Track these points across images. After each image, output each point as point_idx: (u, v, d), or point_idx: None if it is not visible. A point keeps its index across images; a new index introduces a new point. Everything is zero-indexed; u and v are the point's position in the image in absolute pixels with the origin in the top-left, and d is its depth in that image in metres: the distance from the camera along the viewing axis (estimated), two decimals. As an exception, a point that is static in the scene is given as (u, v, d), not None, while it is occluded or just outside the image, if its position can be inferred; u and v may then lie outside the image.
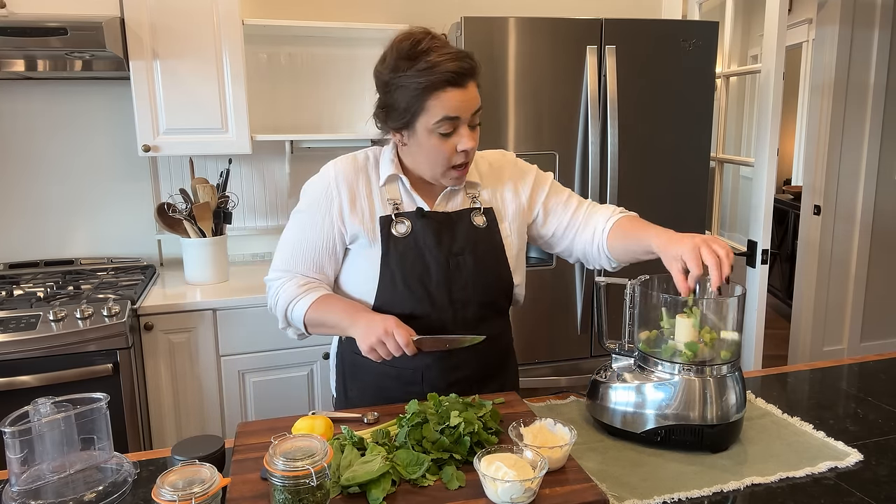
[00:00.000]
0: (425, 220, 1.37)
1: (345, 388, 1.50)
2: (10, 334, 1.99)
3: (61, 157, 2.68)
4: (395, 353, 1.25)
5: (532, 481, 0.98)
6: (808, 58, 5.20)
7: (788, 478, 1.13)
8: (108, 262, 2.72)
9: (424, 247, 1.36)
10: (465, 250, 1.38)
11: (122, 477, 1.13)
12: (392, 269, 1.36)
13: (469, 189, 1.43)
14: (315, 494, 0.95)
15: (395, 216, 1.37)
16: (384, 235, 1.36)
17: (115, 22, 2.22)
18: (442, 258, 1.36)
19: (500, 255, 1.42)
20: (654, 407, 1.22)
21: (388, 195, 1.39)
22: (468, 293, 1.38)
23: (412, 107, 1.26)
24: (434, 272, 1.36)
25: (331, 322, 1.35)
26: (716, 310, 1.27)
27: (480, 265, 1.39)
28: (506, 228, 1.44)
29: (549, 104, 2.37)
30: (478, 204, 1.42)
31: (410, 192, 1.39)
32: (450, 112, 1.25)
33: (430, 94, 1.24)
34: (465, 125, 1.28)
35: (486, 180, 1.45)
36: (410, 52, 1.25)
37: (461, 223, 1.39)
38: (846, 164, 3.69)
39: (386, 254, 1.36)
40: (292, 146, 2.83)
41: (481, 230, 1.40)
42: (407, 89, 1.25)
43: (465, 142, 1.29)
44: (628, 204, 2.50)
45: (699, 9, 3.11)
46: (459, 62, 1.24)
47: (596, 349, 2.57)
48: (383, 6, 2.89)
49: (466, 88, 1.26)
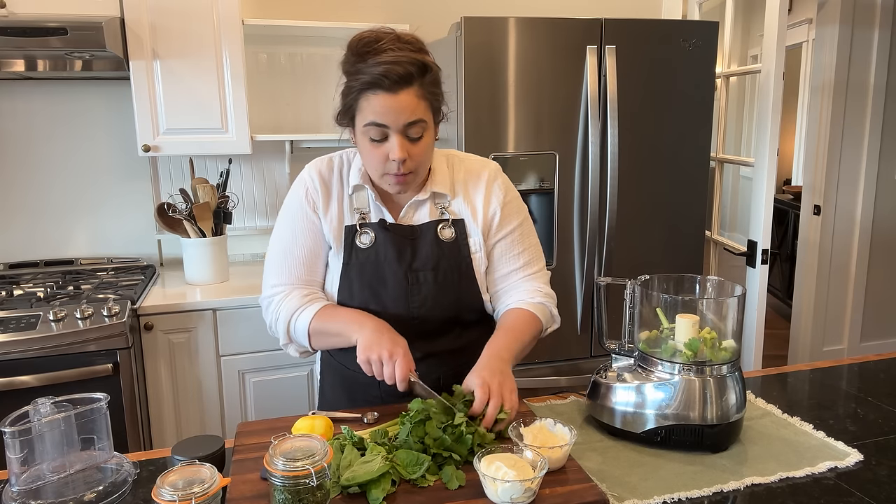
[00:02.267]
0: (387, 233, 1.33)
1: (323, 380, 1.52)
2: (10, 334, 1.98)
3: (61, 157, 2.68)
4: (388, 382, 1.19)
5: (532, 481, 0.98)
6: (808, 58, 5.20)
7: (788, 478, 1.13)
8: (108, 262, 2.72)
9: (384, 261, 1.33)
10: (426, 266, 1.33)
11: (122, 477, 1.13)
12: (351, 279, 1.34)
13: (437, 200, 1.38)
14: (315, 494, 0.95)
15: (360, 226, 1.34)
16: (347, 245, 1.34)
17: (115, 22, 2.22)
18: (401, 273, 1.33)
19: (467, 270, 1.37)
20: (654, 407, 1.22)
21: (356, 204, 1.36)
22: (427, 310, 1.34)
23: (349, 105, 1.24)
24: (392, 287, 1.33)
25: (336, 329, 1.30)
26: (716, 310, 1.27)
27: (442, 282, 1.34)
28: (474, 243, 1.37)
29: (549, 104, 2.37)
30: (446, 216, 1.37)
31: (377, 203, 1.36)
32: (377, 118, 1.20)
33: (360, 95, 1.20)
34: (396, 134, 1.21)
35: (458, 188, 1.39)
36: (360, 50, 1.21)
37: (425, 237, 1.35)
38: (846, 164, 3.69)
39: (347, 263, 1.34)
40: (292, 146, 2.83)
41: (447, 244, 1.35)
42: (349, 87, 1.23)
43: (394, 151, 1.22)
44: (628, 204, 2.52)
45: (699, 9, 3.11)
46: (393, 66, 1.16)
47: (596, 349, 2.57)
48: (383, 6, 2.89)
49: (397, 95, 1.18)
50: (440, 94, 1.28)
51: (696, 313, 1.25)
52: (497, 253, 1.41)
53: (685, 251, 2.62)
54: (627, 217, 2.50)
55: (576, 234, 2.47)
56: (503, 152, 2.34)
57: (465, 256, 1.37)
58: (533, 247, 1.45)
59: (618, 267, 2.49)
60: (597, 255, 2.48)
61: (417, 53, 1.21)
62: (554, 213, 2.42)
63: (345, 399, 1.44)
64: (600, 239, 2.47)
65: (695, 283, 1.36)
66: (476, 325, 1.43)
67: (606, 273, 2.48)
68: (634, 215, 2.52)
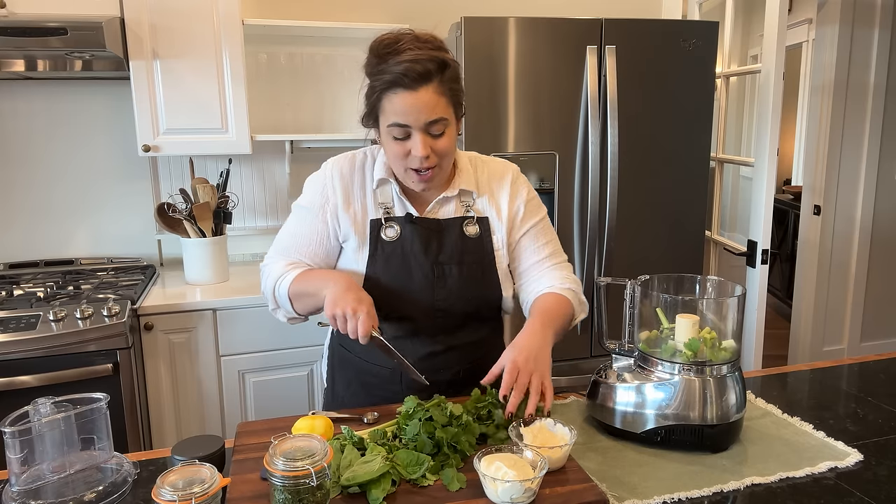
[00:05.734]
0: (413, 227, 1.36)
1: (333, 380, 1.52)
2: (10, 334, 1.98)
3: (61, 157, 2.68)
4: (350, 336, 1.20)
5: (532, 481, 0.98)
6: (808, 58, 5.20)
7: (788, 478, 1.13)
8: (108, 262, 2.72)
9: (411, 253, 1.35)
10: (452, 260, 1.36)
11: (122, 477, 1.13)
12: (378, 272, 1.35)
13: (463, 197, 1.41)
14: (315, 494, 0.95)
15: (385, 220, 1.36)
16: (373, 238, 1.36)
17: (115, 22, 2.22)
18: (427, 266, 1.35)
19: (489, 267, 1.40)
20: (654, 407, 1.22)
21: (381, 198, 1.38)
22: (451, 303, 1.37)
23: (373, 106, 1.27)
24: (418, 279, 1.35)
25: (311, 289, 1.31)
26: (716, 310, 1.27)
27: (466, 276, 1.37)
28: (497, 241, 1.41)
29: (549, 104, 2.37)
30: (471, 213, 1.40)
31: (401, 198, 1.38)
32: (398, 117, 1.23)
33: (383, 95, 1.23)
34: (418, 132, 1.24)
35: (483, 188, 1.43)
36: (381, 51, 1.23)
37: (451, 232, 1.38)
38: (846, 164, 3.69)
39: (373, 256, 1.36)
40: (292, 146, 2.83)
41: (471, 240, 1.38)
42: (371, 88, 1.26)
43: (416, 148, 1.25)
44: (628, 204, 2.52)
45: (699, 9, 3.11)
46: (413, 64, 1.19)
47: (596, 349, 2.57)
48: (383, 6, 2.89)
49: (417, 92, 1.21)
50: (460, 89, 1.30)
51: (696, 313, 1.25)
52: (523, 244, 1.45)
53: (685, 251, 2.62)
54: (627, 217, 2.50)
55: (576, 234, 2.47)
56: (503, 152, 2.34)
57: (488, 252, 1.40)
58: (555, 241, 1.50)
59: (618, 267, 2.49)
60: (597, 255, 2.48)
61: (436, 51, 1.23)
62: (554, 213, 2.42)
63: (363, 395, 1.43)
64: (600, 239, 2.47)
65: (695, 283, 1.36)
66: (490, 321, 1.48)
67: (606, 273, 2.48)
68: (634, 215, 2.52)
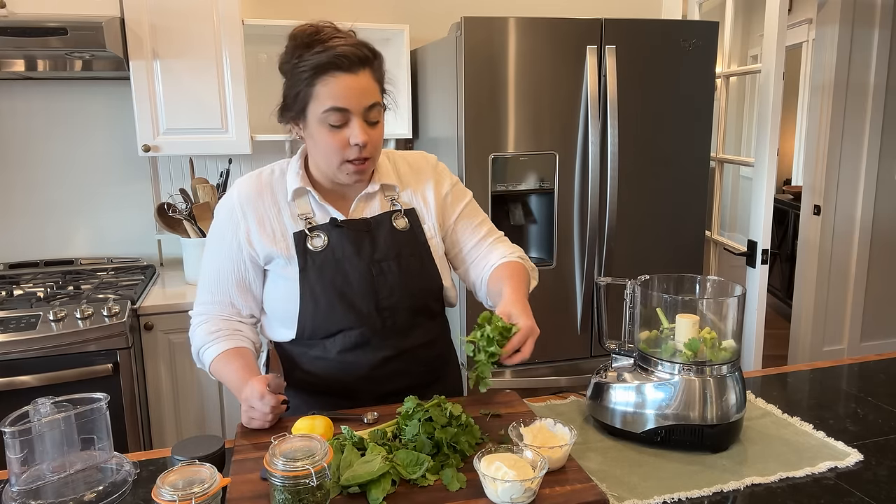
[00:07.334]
0: (341, 230, 1.32)
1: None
2: (10, 334, 1.99)
3: (61, 157, 2.68)
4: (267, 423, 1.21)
5: (532, 481, 0.98)
6: (808, 58, 5.20)
7: (788, 478, 1.13)
8: (108, 262, 2.72)
9: (343, 258, 1.31)
10: (388, 256, 1.33)
11: (122, 477, 1.13)
12: (311, 285, 1.30)
13: (387, 192, 1.38)
14: (315, 494, 0.95)
15: (309, 230, 1.31)
16: (300, 251, 1.31)
17: (115, 22, 2.22)
18: (363, 267, 1.31)
19: (426, 257, 1.37)
20: (654, 407, 1.22)
21: (299, 210, 1.33)
22: (395, 300, 1.33)
23: (302, 93, 1.22)
24: (356, 282, 1.31)
25: (227, 384, 1.34)
26: (716, 310, 1.27)
27: (406, 270, 1.34)
28: (429, 229, 1.39)
29: (549, 104, 2.37)
30: (398, 206, 1.37)
31: (322, 204, 1.33)
32: (337, 101, 1.20)
33: (317, 79, 1.19)
34: (357, 117, 1.22)
35: (405, 181, 1.41)
36: (307, 40, 1.21)
37: (382, 228, 1.34)
38: (846, 163, 3.69)
39: (303, 270, 1.30)
40: (292, 146, 2.83)
41: (403, 233, 1.35)
42: (299, 75, 1.21)
43: (356, 135, 1.21)
44: (628, 204, 2.52)
45: (699, 9, 3.11)
46: (349, 48, 1.19)
47: (596, 349, 2.57)
48: (384, 6, 2.89)
49: (357, 75, 1.20)
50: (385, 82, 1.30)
51: (696, 313, 1.25)
52: (459, 228, 1.45)
53: (685, 251, 2.62)
54: (627, 217, 2.49)
55: (576, 234, 2.47)
56: (503, 152, 2.34)
57: (422, 243, 1.38)
58: (487, 218, 1.50)
59: (618, 267, 2.49)
60: (597, 255, 2.48)
61: (362, 42, 1.24)
62: (554, 213, 2.42)
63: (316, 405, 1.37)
64: (600, 239, 2.47)
65: (695, 283, 1.36)
66: (439, 317, 1.47)
67: (606, 273, 2.48)
68: (634, 215, 2.52)
